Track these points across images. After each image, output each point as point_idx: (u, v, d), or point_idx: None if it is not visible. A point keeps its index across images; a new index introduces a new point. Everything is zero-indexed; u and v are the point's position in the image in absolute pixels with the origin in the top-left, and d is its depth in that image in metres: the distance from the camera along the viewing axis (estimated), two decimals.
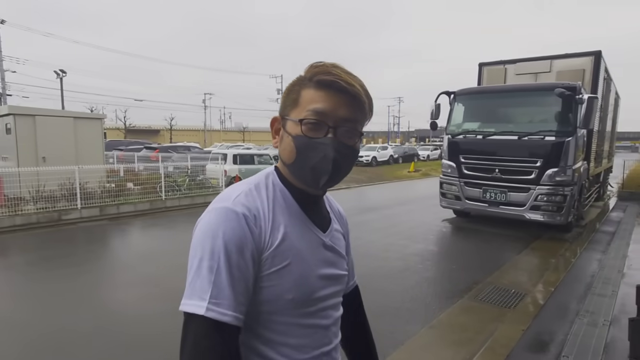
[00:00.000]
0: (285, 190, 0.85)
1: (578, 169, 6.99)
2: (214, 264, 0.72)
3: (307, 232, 0.85)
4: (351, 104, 0.80)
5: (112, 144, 19.42)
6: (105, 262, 5.83)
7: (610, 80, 9.78)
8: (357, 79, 0.81)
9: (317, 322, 0.85)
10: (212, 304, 0.71)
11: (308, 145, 0.79)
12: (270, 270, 0.77)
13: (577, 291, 4.48)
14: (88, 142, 10.08)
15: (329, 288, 0.87)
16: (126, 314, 3.96)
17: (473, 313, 3.93)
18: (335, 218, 0.97)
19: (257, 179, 0.86)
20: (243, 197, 0.79)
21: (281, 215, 0.81)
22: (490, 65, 8.90)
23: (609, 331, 3.42)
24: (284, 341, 0.81)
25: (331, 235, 0.91)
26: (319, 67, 0.80)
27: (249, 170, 13.23)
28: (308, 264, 0.82)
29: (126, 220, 8.53)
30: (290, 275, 0.79)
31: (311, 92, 0.80)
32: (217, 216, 0.76)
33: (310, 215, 0.87)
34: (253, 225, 0.76)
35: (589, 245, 6.55)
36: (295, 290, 0.79)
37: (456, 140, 7.84)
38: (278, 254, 0.78)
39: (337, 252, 0.92)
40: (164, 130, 48.31)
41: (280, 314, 0.79)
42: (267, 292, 0.78)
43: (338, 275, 0.91)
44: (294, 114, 0.81)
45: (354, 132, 0.82)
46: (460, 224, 8.24)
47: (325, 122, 0.79)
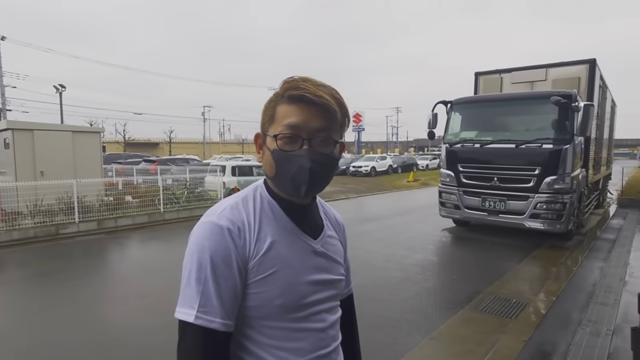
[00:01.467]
0: (273, 201, 0.89)
1: (576, 177, 6.99)
2: (202, 275, 0.78)
3: (296, 241, 0.88)
4: (322, 115, 0.83)
5: (111, 157, 19.42)
6: (102, 276, 5.78)
7: (606, 88, 9.84)
8: (328, 89, 0.84)
9: (311, 326, 0.88)
10: (201, 312, 0.77)
11: (285, 158, 0.83)
12: (256, 278, 0.82)
13: (579, 300, 4.43)
14: (86, 156, 10.08)
15: (321, 293, 0.90)
16: (123, 327, 3.91)
17: (474, 324, 3.87)
18: (331, 225, 1.01)
19: (246, 192, 0.90)
20: (228, 211, 0.84)
21: (268, 226, 0.85)
22: (486, 74, 8.96)
23: (611, 341, 3.37)
24: (279, 345, 0.84)
25: (323, 241, 0.94)
26: (289, 82, 0.84)
27: (248, 181, 13.22)
28: (296, 271, 0.86)
29: (124, 234, 8.48)
30: (277, 282, 0.83)
31: (284, 107, 0.84)
32: (203, 230, 0.82)
33: (300, 224, 0.90)
34: (237, 237, 0.81)
35: (590, 253, 6.51)
36: (283, 296, 0.83)
37: (454, 149, 7.84)
38: (264, 262, 0.82)
39: (330, 257, 0.94)
40: (163, 143, 48.46)
41: (271, 319, 0.84)
42: (256, 298, 0.82)
43: (331, 280, 0.93)
44: (271, 129, 0.85)
45: (329, 141, 0.85)
46: (460, 233, 8.20)
47: (299, 134, 0.82)
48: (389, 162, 28.30)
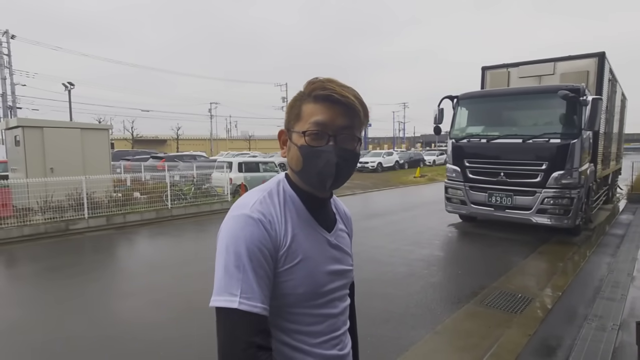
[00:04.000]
0: (295, 195, 0.95)
1: (584, 172, 6.92)
2: (240, 265, 0.82)
3: (314, 233, 0.95)
4: (347, 114, 0.89)
5: (119, 154, 19.62)
6: (112, 271, 5.87)
7: (616, 82, 9.70)
8: (351, 90, 0.91)
9: (327, 312, 0.95)
10: (244, 298, 0.81)
11: (312, 153, 0.89)
12: (285, 267, 0.88)
13: (585, 295, 4.41)
14: (95, 153, 10.21)
15: (336, 282, 0.98)
16: (133, 322, 3.98)
17: (479, 318, 3.88)
18: (341, 218, 1.08)
19: (270, 186, 0.96)
20: (258, 204, 0.89)
21: (291, 219, 0.92)
22: (493, 68, 8.88)
23: (617, 335, 3.36)
24: (298, 329, 0.92)
25: (336, 234, 1.01)
26: (315, 83, 0.90)
27: (254, 178, 13.28)
28: (316, 261, 0.92)
29: (133, 230, 8.59)
30: (301, 272, 0.89)
31: (310, 106, 0.90)
32: (237, 222, 0.86)
33: (317, 217, 0.97)
34: (269, 228, 0.87)
35: (597, 248, 6.46)
36: (305, 284, 0.90)
37: (460, 145, 7.81)
38: (290, 252, 0.88)
39: (342, 249, 1.02)
40: (171, 139, 48.72)
41: (294, 305, 0.90)
42: (283, 286, 0.88)
43: (344, 270, 1.01)
44: (298, 126, 0.91)
45: (353, 138, 0.92)
46: (466, 229, 8.18)
47: (326, 131, 0.88)
48: (395, 158, 28.19)
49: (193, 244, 7.68)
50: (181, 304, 4.35)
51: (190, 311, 4.14)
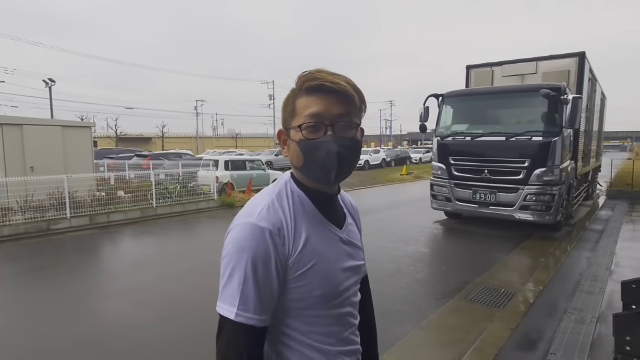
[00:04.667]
0: (303, 194, 0.93)
1: (566, 169, 7.08)
2: (242, 276, 0.82)
3: (326, 232, 0.93)
4: (341, 101, 0.87)
5: (103, 153, 19.27)
6: (94, 271, 5.77)
7: (596, 81, 9.94)
8: (342, 77, 0.89)
9: (342, 311, 0.95)
10: (241, 310, 0.82)
11: (312, 146, 0.87)
12: (297, 274, 0.86)
13: (566, 289, 4.52)
14: (77, 151, 10.01)
15: (351, 279, 0.97)
16: (116, 322, 3.92)
17: (463, 313, 3.94)
18: (349, 212, 1.07)
19: (279, 188, 0.94)
20: (266, 211, 0.87)
21: (302, 222, 0.90)
22: (478, 67, 9.00)
23: (596, 328, 3.45)
24: (317, 330, 0.91)
25: (347, 230, 1.00)
26: (305, 75, 0.88)
27: (241, 176, 13.20)
28: (330, 261, 0.91)
29: (117, 229, 8.46)
30: (317, 275, 0.88)
31: (304, 99, 0.88)
32: (243, 231, 0.84)
33: (327, 215, 0.95)
34: (277, 238, 0.84)
35: (578, 243, 6.62)
36: (323, 286, 0.89)
37: (445, 143, 7.90)
38: (302, 258, 0.87)
39: (354, 244, 1.01)
40: (156, 138, 48.08)
41: (311, 308, 0.89)
42: (297, 291, 0.87)
43: (357, 265, 1.00)
44: (294, 122, 0.89)
45: (351, 125, 0.90)
46: (451, 226, 8.28)
47: (323, 122, 0.86)
48: (382, 156, 28.37)
49: (178, 243, 7.59)
50: (165, 304, 4.31)
51: (175, 312, 4.10)
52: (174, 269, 5.56)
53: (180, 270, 5.46)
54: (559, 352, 3.08)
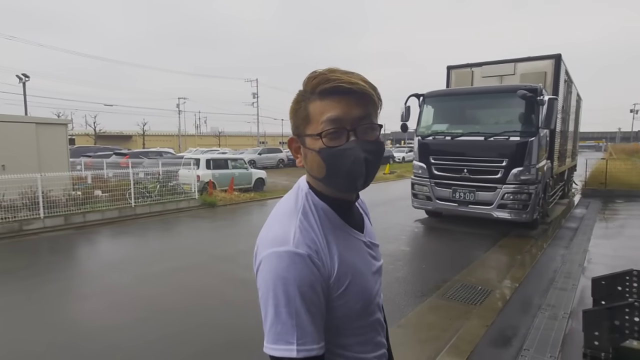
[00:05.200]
0: (327, 207, 0.88)
1: (542, 168, 7.24)
2: (292, 309, 0.76)
3: (352, 241, 0.90)
4: (360, 102, 0.81)
5: (80, 151, 18.75)
6: (69, 273, 5.61)
7: (572, 83, 10.20)
8: (357, 75, 0.83)
9: (376, 317, 0.94)
10: (300, 345, 0.76)
11: (335, 154, 0.81)
12: (338, 292, 0.83)
13: (540, 286, 4.62)
14: (51, 149, 9.71)
15: (377, 282, 0.96)
16: (90, 324, 3.82)
17: (441, 311, 3.99)
18: (362, 208, 1.03)
19: (300, 203, 0.87)
20: (299, 235, 0.81)
21: (331, 236, 0.85)
22: (458, 68, 9.12)
23: (567, 323, 3.54)
24: (356, 341, 0.89)
25: (367, 231, 0.97)
26: (317, 77, 0.81)
27: (223, 175, 13.07)
28: (363, 272, 0.89)
29: (93, 229, 8.25)
30: (354, 289, 0.85)
31: (318, 103, 0.81)
32: (281, 261, 0.78)
33: (350, 221, 0.92)
34: (318, 261, 0.80)
35: (553, 241, 6.78)
36: (361, 299, 0.87)
37: (426, 142, 7.98)
38: (340, 276, 0.83)
39: (374, 244, 0.99)
40: (137, 135, 47.12)
41: (352, 321, 0.87)
42: (340, 309, 0.84)
43: (380, 266, 0.98)
44: (309, 129, 0.83)
45: (373, 127, 0.84)
46: (431, 224, 8.38)
47: (343, 127, 0.80)
48: None
49: (157, 243, 7.46)
50: (141, 305, 4.22)
51: (151, 312, 4.03)
52: (152, 269, 5.45)
53: (158, 271, 5.36)
54: (532, 347, 3.14)
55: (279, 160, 26.74)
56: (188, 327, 3.72)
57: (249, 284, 4.84)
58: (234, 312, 4.04)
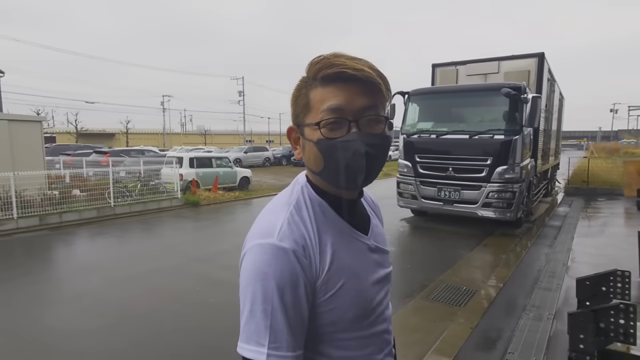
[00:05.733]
0: (324, 202, 0.81)
1: (526, 166, 7.24)
2: (268, 307, 0.70)
3: (352, 242, 0.82)
4: (366, 91, 0.74)
5: (59, 149, 18.25)
6: (39, 276, 5.34)
7: (554, 82, 10.27)
8: (364, 61, 0.75)
9: (377, 329, 0.84)
10: (272, 349, 0.69)
11: (333, 146, 0.74)
12: (326, 296, 0.75)
13: (525, 286, 4.58)
14: (26, 147, 9.34)
15: (382, 291, 0.86)
16: (55, 330, 3.62)
17: (425, 313, 3.90)
18: (372, 209, 0.95)
19: (295, 197, 0.81)
20: (287, 228, 0.74)
21: (326, 234, 0.78)
22: (443, 66, 9.08)
23: (552, 325, 3.48)
24: (351, 355, 0.80)
25: (374, 234, 0.88)
26: (320, 61, 0.74)
27: (207, 174, 12.82)
28: (360, 277, 0.80)
29: (69, 230, 7.96)
30: (347, 294, 0.77)
31: (319, 90, 0.75)
32: (263, 254, 0.72)
33: (352, 221, 0.83)
34: (303, 258, 0.73)
35: (537, 240, 6.79)
36: (355, 307, 0.78)
37: (411, 140, 7.91)
38: (331, 277, 0.75)
39: (381, 250, 0.89)
40: (120, 133, 46.22)
41: (342, 332, 0.78)
42: (328, 315, 0.76)
43: (387, 274, 0.89)
44: (309, 118, 0.76)
45: (378, 119, 0.76)
46: (417, 223, 8.32)
47: (345, 117, 0.73)
48: None
49: (134, 244, 7.21)
50: (112, 310, 4.03)
51: (121, 318, 3.84)
52: (126, 271, 5.24)
53: (133, 273, 5.15)
54: (516, 350, 3.07)
55: (265, 159, 26.52)
56: (160, 332, 3.55)
57: (225, 286, 4.68)
58: (208, 316, 3.88)
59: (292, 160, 27.04)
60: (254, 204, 11.47)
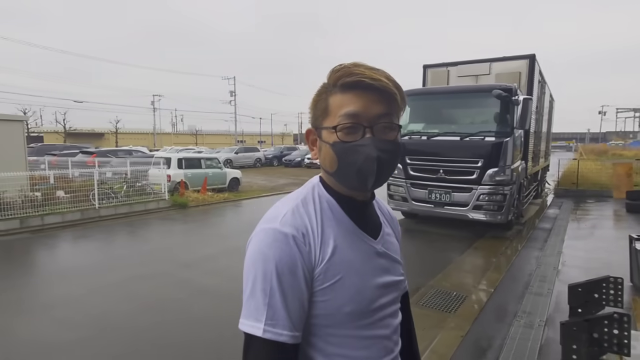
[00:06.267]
0: (333, 200, 0.85)
1: (516, 169, 7.19)
2: (267, 286, 0.75)
3: (358, 242, 0.84)
4: (382, 100, 0.79)
5: (45, 149, 17.86)
6: (17, 282, 5.13)
7: (545, 83, 10.28)
8: (382, 71, 0.80)
9: (377, 333, 0.85)
10: (269, 325, 0.74)
11: (348, 149, 0.79)
12: (323, 285, 0.78)
13: (515, 291, 4.50)
14: (5, 147, 9.08)
15: (387, 296, 0.87)
16: (25, 342, 3.43)
17: (415, 320, 3.76)
18: (387, 221, 0.97)
19: (304, 192, 0.87)
20: (290, 216, 0.80)
21: (330, 229, 0.82)
22: (434, 67, 9.02)
23: (544, 332, 3.40)
24: (346, 353, 0.81)
25: (383, 240, 0.90)
26: (340, 70, 0.80)
27: (196, 174, 12.62)
28: (362, 276, 0.82)
29: (51, 233, 7.73)
30: (345, 289, 0.79)
31: (339, 96, 0.80)
32: (265, 237, 0.78)
33: (360, 224, 0.86)
34: (302, 244, 0.77)
35: (527, 242, 6.74)
36: (352, 303, 0.80)
37: (402, 142, 7.81)
38: (330, 268, 0.79)
39: (391, 257, 0.91)
40: (109, 133, 45.59)
41: (338, 326, 0.80)
42: (323, 306, 0.79)
43: (394, 282, 0.90)
44: (327, 122, 0.82)
45: (391, 126, 0.82)
46: (408, 226, 8.24)
47: (360, 123, 0.79)
48: None
49: (117, 248, 7.01)
50: (88, 321, 3.85)
51: (98, 329, 3.67)
52: (107, 278, 5.05)
53: (114, 280, 4.97)
54: (507, 359, 2.98)
55: (256, 160, 26.33)
56: (139, 345, 3.39)
57: (209, 294, 4.54)
58: (191, 326, 3.72)
59: (283, 161, 26.90)
60: (243, 206, 11.30)
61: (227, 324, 3.50)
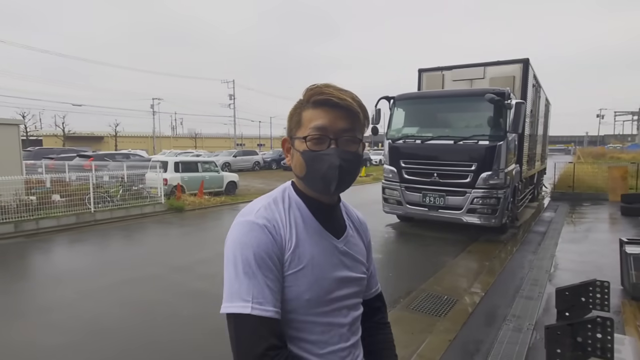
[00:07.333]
0: (301, 201, 0.96)
1: (510, 172, 7.21)
2: (249, 270, 0.84)
3: (321, 240, 0.94)
4: (346, 116, 0.91)
5: (42, 152, 17.86)
6: (11, 286, 5.13)
7: (540, 87, 10.31)
8: (349, 93, 0.92)
9: (334, 321, 0.94)
10: (256, 303, 0.83)
11: (315, 157, 0.90)
12: (289, 272, 0.88)
13: (507, 294, 4.51)
14: (1, 151, 9.08)
15: (345, 289, 0.96)
16: (21, 347, 3.43)
17: (404, 324, 3.79)
18: (354, 225, 1.07)
19: (275, 194, 0.97)
20: (263, 210, 0.91)
21: (296, 225, 0.92)
22: (429, 71, 9.05)
23: (532, 336, 3.40)
24: (303, 337, 0.91)
25: (346, 241, 1.00)
26: (313, 89, 0.92)
27: (192, 178, 12.62)
28: (322, 268, 0.92)
29: (46, 237, 7.72)
30: (306, 278, 0.89)
31: (310, 111, 0.91)
32: (242, 228, 0.88)
33: (325, 224, 0.96)
34: (275, 233, 0.88)
35: (521, 246, 6.74)
36: (311, 291, 0.89)
37: (396, 145, 7.84)
38: (294, 257, 0.89)
39: (352, 256, 1.00)
40: (109, 136, 45.60)
41: (299, 312, 0.89)
42: (288, 291, 0.88)
43: (353, 277, 0.99)
44: (299, 133, 0.93)
45: (354, 140, 0.93)
46: (403, 229, 8.25)
47: (327, 135, 0.90)
48: None
49: (113, 252, 7.01)
50: (79, 325, 3.85)
51: (89, 333, 3.67)
52: (99, 282, 5.05)
53: (106, 284, 4.96)
54: None
55: (254, 163, 26.33)
56: (129, 348, 3.39)
57: (201, 297, 4.54)
58: (181, 329, 3.72)
59: (282, 164, 26.90)
60: (240, 209, 11.22)
61: (218, 326, 3.51)
